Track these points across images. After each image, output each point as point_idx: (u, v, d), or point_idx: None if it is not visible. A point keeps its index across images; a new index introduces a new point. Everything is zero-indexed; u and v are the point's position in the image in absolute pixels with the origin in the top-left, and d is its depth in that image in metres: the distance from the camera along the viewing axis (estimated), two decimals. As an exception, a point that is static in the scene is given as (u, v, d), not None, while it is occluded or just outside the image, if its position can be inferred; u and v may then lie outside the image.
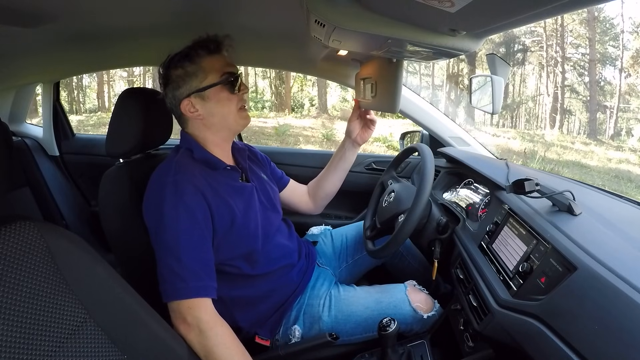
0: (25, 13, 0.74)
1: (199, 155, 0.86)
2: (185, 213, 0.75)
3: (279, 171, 1.15)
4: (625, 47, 12.97)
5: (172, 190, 0.76)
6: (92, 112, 12.91)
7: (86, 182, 1.78)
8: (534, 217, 0.71)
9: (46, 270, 0.51)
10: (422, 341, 0.89)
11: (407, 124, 9.06)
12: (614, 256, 0.54)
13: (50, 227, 0.54)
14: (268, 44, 1.13)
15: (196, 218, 0.76)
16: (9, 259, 0.48)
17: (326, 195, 1.19)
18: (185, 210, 0.75)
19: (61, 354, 0.50)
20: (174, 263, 0.73)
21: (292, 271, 0.97)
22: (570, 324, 0.51)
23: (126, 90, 0.93)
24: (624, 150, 10.11)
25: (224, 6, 0.84)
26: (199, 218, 0.77)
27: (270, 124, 9.64)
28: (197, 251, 0.76)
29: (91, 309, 0.55)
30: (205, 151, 0.87)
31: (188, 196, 0.77)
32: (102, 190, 0.88)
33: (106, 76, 13.62)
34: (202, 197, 0.78)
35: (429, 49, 0.63)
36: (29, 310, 0.48)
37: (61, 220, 1.62)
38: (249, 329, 0.90)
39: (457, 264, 0.91)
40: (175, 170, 0.79)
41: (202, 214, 0.78)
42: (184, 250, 0.74)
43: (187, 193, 0.77)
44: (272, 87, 14.16)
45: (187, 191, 0.77)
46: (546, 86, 14.49)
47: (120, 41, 1.10)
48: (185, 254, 0.74)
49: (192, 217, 0.76)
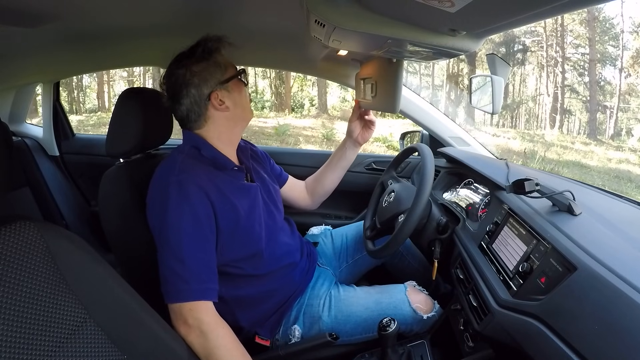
0: (25, 13, 0.74)
1: (207, 154, 0.85)
2: (190, 214, 0.75)
3: (278, 168, 1.15)
4: (625, 47, 12.98)
5: (177, 189, 0.76)
6: (92, 112, 12.90)
7: (86, 182, 1.78)
8: (534, 217, 0.71)
9: (46, 270, 0.51)
10: (422, 341, 0.89)
11: (407, 124, 9.06)
12: (614, 256, 0.54)
13: (50, 227, 0.54)
14: (268, 44, 1.13)
15: (200, 219, 0.76)
16: (9, 259, 0.48)
17: (325, 192, 1.20)
18: (189, 212, 0.75)
19: (61, 354, 0.50)
20: (176, 264, 0.73)
21: (294, 270, 0.97)
22: (570, 324, 0.51)
23: (126, 90, 0.93)
24: (624, 150, 10.11)
25: (224, 6, 0.84)
26: (202, 219, 0.76)
27: (270, 124, 9.64)
28: (200, 253, 0.75)
29: (91, 309, 0.55)
30: (214, 149, 0.87)
31: (192, 196, 0.76)
32: (102, 191, 0.88)
33: (106, 76, 13.62)
34: (205, 197, 0.77)
35: (429, 49, 0.63)
36: (29, 310, 0.48)
37: (61, 220, 1.62)
38: (250, 328, 0.90)
39: (457, 264, 0.91)
40: (179, 169, 0.78)
41: (206, 214, 0.77)
42: (186, 251, 0.73)
43: (192, 193, 0.76)
44: (272, 87, 14.16)
45: (192, 191, 0.76)
46: (546, 86, 14.49)
47: (120, 41, 1.10)
48: (188, 255, 0.73)
49: (196, 217, 0.75)
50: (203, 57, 0.84)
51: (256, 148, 1.10)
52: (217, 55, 0.85)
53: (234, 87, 0.87)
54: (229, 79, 0.86)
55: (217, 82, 0.84)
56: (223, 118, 0.87)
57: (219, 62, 0.85)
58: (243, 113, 0.91)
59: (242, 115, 0.91)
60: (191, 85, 0.83)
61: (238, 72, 0.89)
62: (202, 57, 0.84)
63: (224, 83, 0.85)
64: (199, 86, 0.83)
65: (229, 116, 0.88)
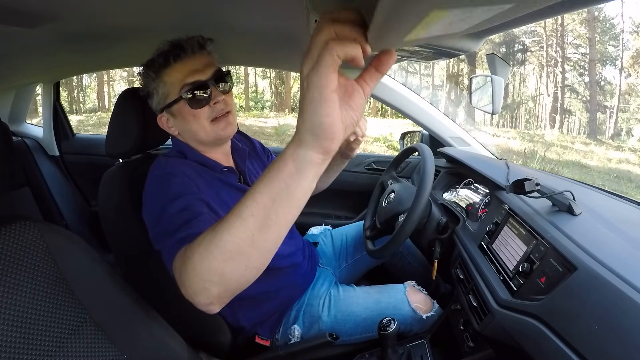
0: (25, 13, 0.74)
1: (193, 158, 0.81)
2: (181, 185, 0.69)
3: None
4: (625, 47, 12.99)
5: (166, 178, 0.70)
6: (92, 112, 12.90)
7: (86, 182, 1.78)
8: (534, 217, 0.71)
9: (46, 270, 0.51)
10: (422, 341, 0.89)
11: (407, 124, 9.06)
12: (614, 256, 0.54)
13: (50, 227, 0.54)
14: (268, 44, 1.13)
15: (190, 185, 0.70)
16: (9, 259, 0.48)
17: (317, 188, 1.19)
18: (180, 184, 0.69)
19: (61, 354, 0.50)
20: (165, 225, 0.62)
21: (296, 271, 0.96)
22: (570, 324, 0.51)
23: (126, 90, 0.93)
24: (624, 150, 10.11)
25: (224, 6, 0.84)
26: (192, 187, 0.70)
27: (270, 124, 9.64)
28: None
29: (91, 309, 0.55)
30: (199, 154, 0.82)
31: (180, 179, 0.70)
32: (102, 191, 0.88)
33: (106, 76, 13.62)
34: (195, 186, 0.71)
35: (429, 49, 0.63)
36: (29, 310, 0.48)
37: (61, 220, 1.62)
38: (251, 328, 0.90)
39: (457, 264, 0.91)
40: (164, 164, 0.75)
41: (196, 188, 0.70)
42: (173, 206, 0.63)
43: (181, 180, 0.70)
44: (272, 87, 14.16)
45: (181, 180, 0.70)
46: (546, 86, 14.50)
47: (120, 41, 1.10)
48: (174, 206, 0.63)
49: (187, 188, 0.68)
50: (147, 77, 0.76)
51: (254, 142, 1.05)
52: (161, 74, 0.74)
53: (177, 112, 0.76)
54: (169, 104, 0.76)
55: (158, 105, 0.78)
56: (181, 137, 0.82)
57: (164, 82, 0.75)
58: (197, 137, 0.79)
59: (197, 139, 0.80)
60: (146, 96, 0.79)
61: (180, 97, 0.74)
62: (145, 79, 0.77)
63: (165, 108, 0.77)
64: (151, 102, 0.79)
65: (184, 138, 0.81)
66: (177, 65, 0.74)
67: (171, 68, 0.74)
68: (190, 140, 0.82)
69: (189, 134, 0.80)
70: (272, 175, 0.38)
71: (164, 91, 0.76)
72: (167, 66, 0.74)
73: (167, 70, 0.74)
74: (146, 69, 0.76)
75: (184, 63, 0.74)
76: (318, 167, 0.37)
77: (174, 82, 0.74)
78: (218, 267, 0.42)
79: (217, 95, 0.77)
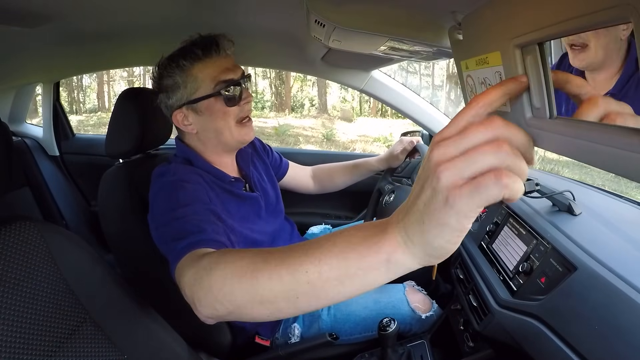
0: (25, 13, 0.74)
1: (200, 166, 0.79)
2: (193, 192, 0.67)
3: (277, 157, 1.11)
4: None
5: (180, 184, 0.68)
6: (92, 112, 12.90)
7: (86, 182, 1.78)
8: (534, 217, 0.71)
9: (46, 270, 0.51)
10: (422, 341, 0.89)
11: (407, 124, 9.06)
12: (614, 256, 0.54)
13: (50, 227, 0.54)
14: (268, 44, 1.13)
15: (199, 189, 0.69)
16: (9, 259, 0.48)
17: (334, 187, 1.20)
18: (193, 191, 0.67)
19: (61, 354, 0.50)
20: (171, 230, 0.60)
21: None
22: (570, 324, 0.51)
23: (126, 90, 0.93)
24: (624, 150, 10.09)
25: (224, 6, 0.84)
26: (201, 191, 0.69)
27: (271, 124, 9.64)
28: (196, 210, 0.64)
29: (90, 309, 0.55)
30: (206, 162, 0.79)
31: (195, 187, 0.69)
32: (102, 191, 0.88)
33: (106, 76, 13.61)
34: (209, 199, 0.70)
35: (429, 49, 0.64)
36: (29, 310, 0.48)
37: (61, 220, 1.62)
38: (251, 328, 0.90)
39: (457, 264, 0.91)
40: (175, 170, 0.73)
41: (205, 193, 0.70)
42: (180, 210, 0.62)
43: (194, 187, 0.69)
44: (272, 87, 14.16)
45: (193, 187, 0.69)
46: (546, 86, 14.47)
47: (120, 41, 1.10)
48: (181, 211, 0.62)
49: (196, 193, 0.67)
50: (172, 70, 0.73)
51: (255, 140, 1.04)
52: (191, 68, 0.72)
53: (206, 108, 0.74)
54: (198, 99, 0.73)
55: (182, 100, 0.74)
56: (195, 138, 0.79)
57: (194, 76, 0.72)
58: (218, 138, 0.77)
59: (217, 140, 0.78)
60: (160, 95, 0.76)
61: (215, 92, 0.73)
62: (170, 71, 0.73)
63: (192, 103, 0.73)
64: (166, 100, 0.76)
65: (200, 137, 0.78)
66: (209, 61, 0.73)
67: (203, 63, 0.72)
68: (206, 142, 0.79)
69: (212, 132, 0.77)
70: (352, 259, 0.30)
71: (193, 85, 0.73)
72: (198, 61, 0.72)
73: (199, 65, 0.72)
74: (180, 59, 0.72)
75: (217, 59, 0.73)
76: (408, 271, 0.30)
77: (205, 77, 0.72)
78: (239, 300, 0.38)
79: (248, 95, 0.78)
